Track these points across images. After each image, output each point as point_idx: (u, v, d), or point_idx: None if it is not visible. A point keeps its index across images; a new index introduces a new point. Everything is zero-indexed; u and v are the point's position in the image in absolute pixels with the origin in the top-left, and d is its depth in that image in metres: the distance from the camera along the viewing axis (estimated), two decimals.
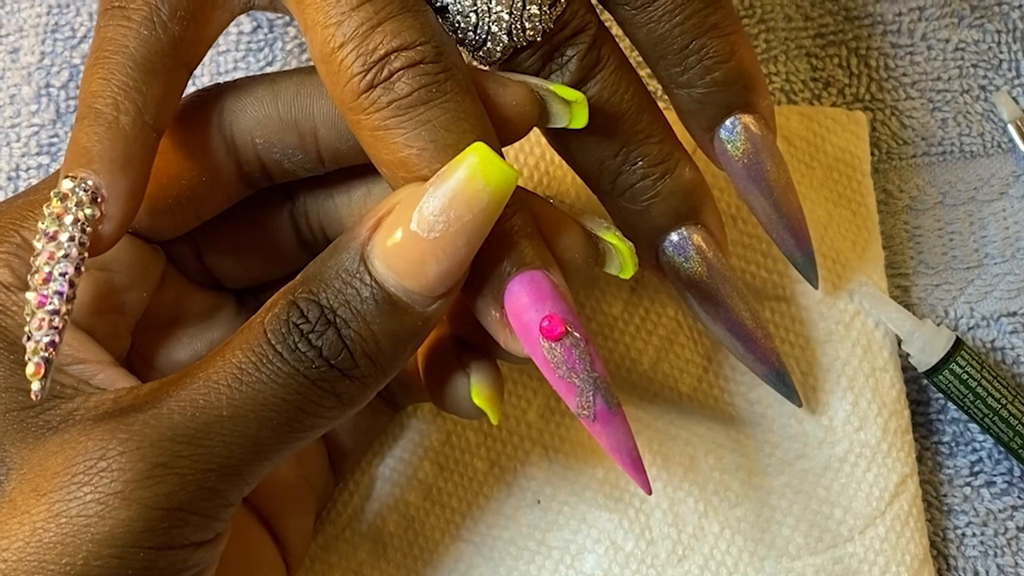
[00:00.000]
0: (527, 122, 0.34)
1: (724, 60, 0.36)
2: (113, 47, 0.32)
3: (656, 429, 0.42)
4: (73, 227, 0.30)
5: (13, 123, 0.49)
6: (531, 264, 0.32)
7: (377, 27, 0.31)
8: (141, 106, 0.32)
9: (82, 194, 0.30)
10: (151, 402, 0.30)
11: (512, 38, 0.34)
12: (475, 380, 0.36)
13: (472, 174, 0.29)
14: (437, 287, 0.30)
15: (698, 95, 0.37)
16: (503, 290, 0.32)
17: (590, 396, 0.31)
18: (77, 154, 0.31)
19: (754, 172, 0.38)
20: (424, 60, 0.31)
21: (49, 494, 0.29)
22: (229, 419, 0.30)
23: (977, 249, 0.46)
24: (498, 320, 0.32)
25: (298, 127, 0.35)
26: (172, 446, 0.29)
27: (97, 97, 0.32)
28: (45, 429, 0.30)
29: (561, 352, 0.31)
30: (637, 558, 0.41)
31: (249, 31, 0.49)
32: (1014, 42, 0.48)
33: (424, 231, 0.29)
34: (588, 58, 0.35)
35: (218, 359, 0.30)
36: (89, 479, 0.29)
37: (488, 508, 0.42)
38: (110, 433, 0.29)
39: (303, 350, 0.30)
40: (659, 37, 0.36)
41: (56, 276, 0.30)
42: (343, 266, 0.30)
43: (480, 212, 0.30)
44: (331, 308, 0.30)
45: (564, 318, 0.31)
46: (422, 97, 0.31)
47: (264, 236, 0.38)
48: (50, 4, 0.50)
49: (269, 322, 0.30)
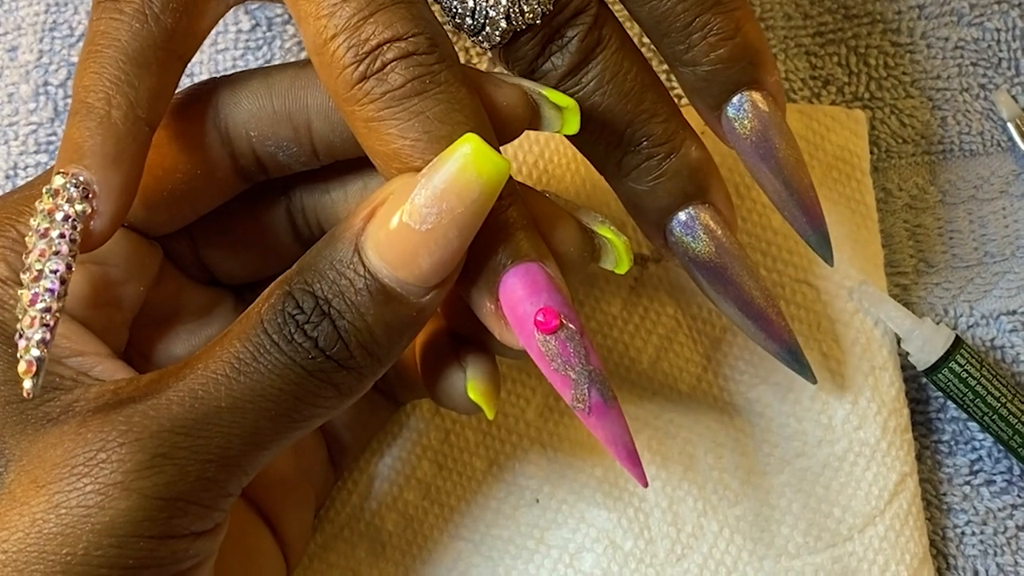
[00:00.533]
0: (518, 123, 0.33)
1: (729, 36, 0.36)
2: (105, 40, 0.32)
3: (655, 427, 0.42)
4: (64, 224, 0.30)
5: (11, 121, 0.49)
6: (527, 256, 0.31)
7: (369, 18, 0.31)
8: (133, 100, 0.32)
9: (73, 190, 0.30)
10: (151, 393, 0.30)
11: (511, 21, 0.34)
12: (471, 374, 0.36)
13: (464, 165, 0.29)
14: (431, 278, 0.30)
15: (703, 72, 0.36)
16: (498, 282, 0.32)
17: (585, 389, 0.31)
18: (69, 150, 0.31)
19: (763, 149, 0.37)
20: (417, 51, 0.31)
21: (48, 485, 0.29)
22: (228, 410, 0.30)
23: (977, 248, 0.46)
24: (493, 312, 0.32)
25: (292, 120, 0.35)
26: (171, 437, 0.29)
27: (89, 91, 0.32)
28: (45, 421, 0.30)
29: (556, 345, 0.31)
30: (636, 557, 0.41)
31: (248, 29, 0.49)
32: (1013, 40, 0.48)
33: (416, 223, 0.29)
34: (589, 39, 0.35)
35: (216, 350, 0.30)
36: (89, 470, 0.29)
37: (487, 507, 0.42)
38: (110, 424, 0.30)
39: (299, 341, 0.30)
40: (662, 15, 0.35)
41: (47, 273, 0.30)
42: (337, 257, 0.30)
43: (472, 204, 0.29)
44: (326, 299, 0.30)
45: (559, 311, 0.31)
46: (415, 88, 0.31)
47: (260, 232, 0.38)
48: (48, 2, 0.50)
49: (265, 312, 0.30)
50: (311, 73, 0.35)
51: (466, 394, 0.35)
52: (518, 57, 0.35)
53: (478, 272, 0.32)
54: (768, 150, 0.37)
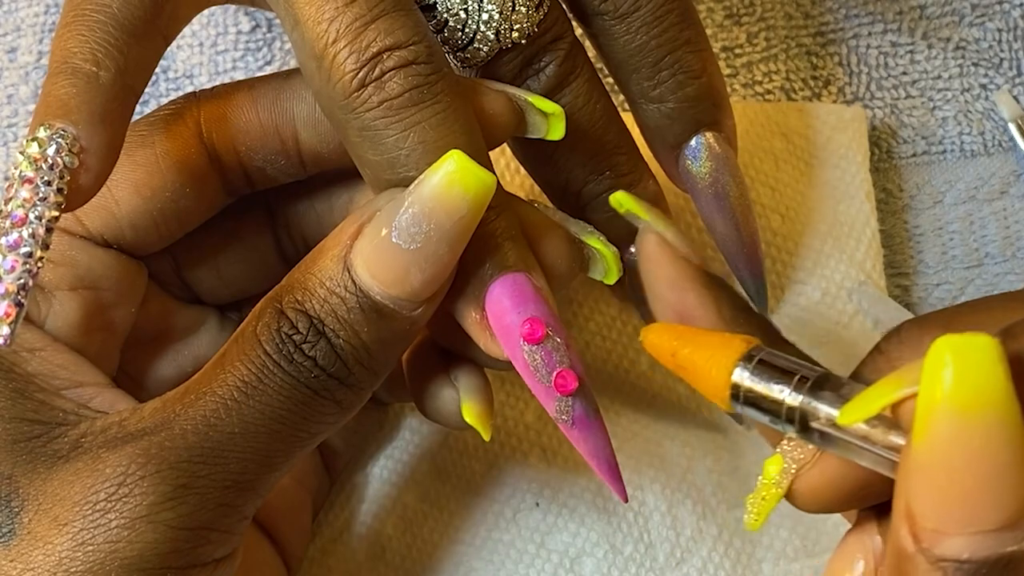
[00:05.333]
0: (505, 130, 0.34)
1: (696, 76, 0.37)
2: (94, 6, 0.32)
3: (654, 431, 0.42)
4: (51, 172, 0.29)
5: (10, 122, 0.49)
6: (513, 267, 0.32)
7: (370, 24, 0.30)
8: (122, 66, 0.31)
9: (61, 141, 0.30)
10: (161, 423, 0.30)
11: (499, 38, 0.35)
12: (465, 395, 0.35)
13: (450, 182, 0.29)
14: (422, 293, 0.30)
15: (668, 110, 0.37)
16: (484, 293, 0.32)
17: (569, 401, 0.31)
18: (52, 105, 0.30)
19: (716, 191, 0.38)
20: (417, 60, 0.31)
21: (71, 523, 0.29)
22: (240, 435, 0.30)
23: (977, 248, 0.45)
24: (478, 322, 0.32)
25: (280, 132, 0.35)
26: (191, 466, 0.30)
27: (74, 54, 0.31)
28: (55, 458, 0.30)
29: (541, 356, 0.31)
30: (636, 561, 0.41)
31: (248, 30, 0.49)
32: (1015, 41, 0.48)
33: (406, 242, 0.30)
34: (565, 65, 0.36)
35: (219, 373, 0.30)
36: (112, 505, 0.29)
37: (487, 511, 0.42)
38: (127, 458, 0.30)
39: (299, 360, 0.30)
40: (635, 49, 0.36)
41: (32, 220, 0.29)
42: (327, 274, 0.30)
43: (460, 220, 0.30)
44: (319, 318, 0.30)
45: (545, 321, 0.31)
46: (413, 98, 0.31)
47: (245, 250, 0.38)
48: (48, 3, 0.50)
49: (261, 332, 0.30)
50: (296, 83, 0.35)
51: (459, 413, 0.35)
52: (496, 77, 0.35)
53: (464, 282, 0.32)
54: (721, 192, 0.38)
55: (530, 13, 0.34)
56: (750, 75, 0.48)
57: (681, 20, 0.36)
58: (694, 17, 0.37)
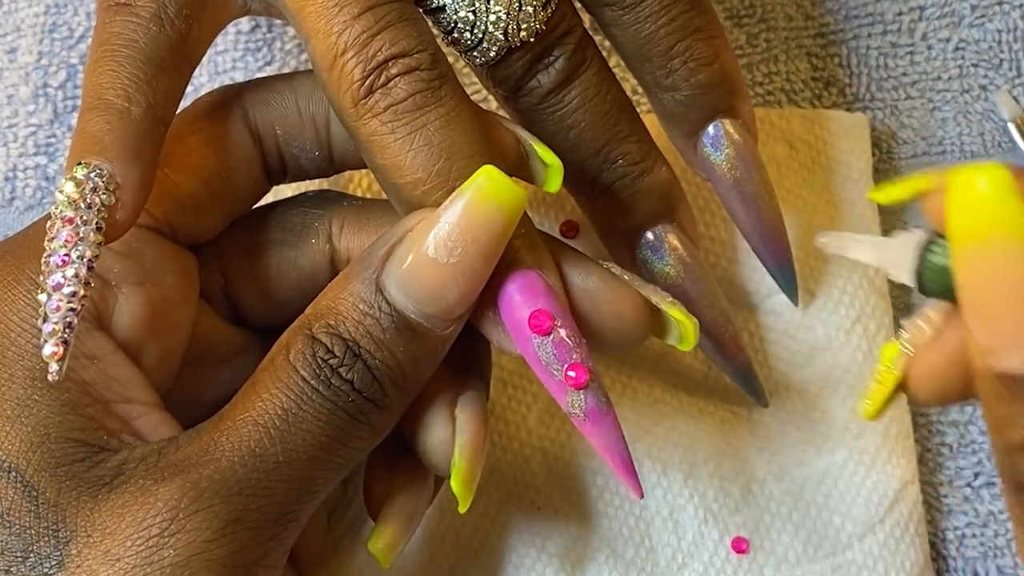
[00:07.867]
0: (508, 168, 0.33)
1: (708, 63, 0.37)
2: (122, 41, 0.32)
3: (656, 435, 0.42)
4: (89, 212, 0.30)
5: (11, 123, 0.49)
6: (525, 264, 0.32)
7: (376, 35, 0.32)
8: (152, 99, 0.32)
9: (98, 180, 0.31)
10: (205, 454, 0.30)
11: (508, 38, 0.35)
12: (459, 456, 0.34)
13: (484, 196, 0.30)
14: (457, 309, 0.31)
15: (682, 98, 0.37)
16: (498, 290, 0.32)
17: (581, 395, 0.31)
18: (87, 142, 0.31)
19: (736, 178, 0.38)
20: (420, 67, 0.32)
21: (123, 559, 0.29)
22: (286, 464, 0.30)
23: None
24: (491, 319, 0.32)
25: (315, 122, 0.36)
26: (241, 500, 0.30)
27: (107, 89, 0.32)
28: (99, 485, 0.30)
29: (552, 350, 0.31)
30: (637, 566, 0.41)
31: (248, 31, 0.49)
32: (1015, 41, 0.48)
33: (443, 256, 0.30)
34: (574, 59, 0.36)
35: (256, 401, 0.31)
36: (166, 541, 0.29)
37: (487, 515, 0.42)
38: (179, 491, 0.30)
39: (337, 384, 0.30)
40: (645, 38, 0.37)
41: (74, 259, 0.30)
42: (359, 296, 0.31)
43: (496, 232, 0.30)
44: (354, 340, 0.31)
45: (554, 314, 0.31)
46: (417, 102, 0.32)
47: (301, 278, 0.37)
48: (48, 4, 0.50)
49: (296, 359, 0.31)
50: None
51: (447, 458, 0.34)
52: (506, 75, 0.36)
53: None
54: (741, 178, 0.38)
55: (537, 12, 0.35)
56: (751, 76, 0.48)
57: (690, 7, 0.36)
58: (705, 4, 0.37)
